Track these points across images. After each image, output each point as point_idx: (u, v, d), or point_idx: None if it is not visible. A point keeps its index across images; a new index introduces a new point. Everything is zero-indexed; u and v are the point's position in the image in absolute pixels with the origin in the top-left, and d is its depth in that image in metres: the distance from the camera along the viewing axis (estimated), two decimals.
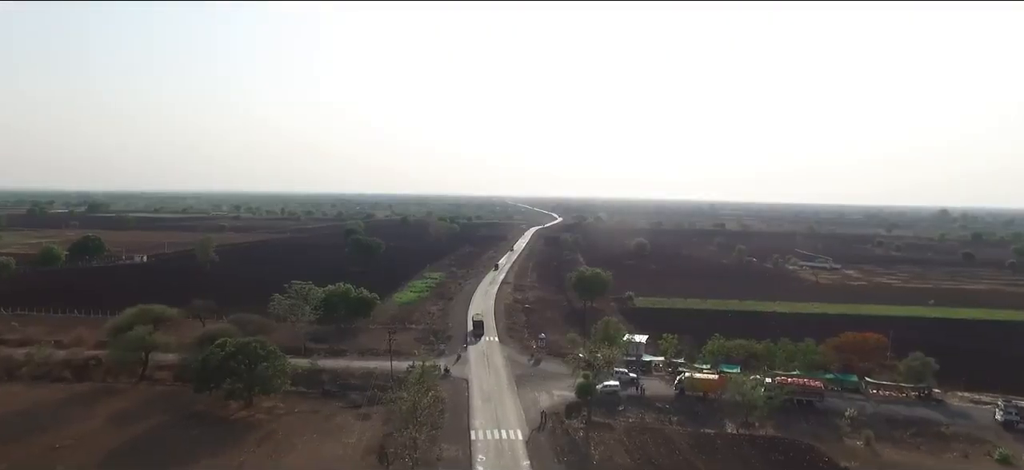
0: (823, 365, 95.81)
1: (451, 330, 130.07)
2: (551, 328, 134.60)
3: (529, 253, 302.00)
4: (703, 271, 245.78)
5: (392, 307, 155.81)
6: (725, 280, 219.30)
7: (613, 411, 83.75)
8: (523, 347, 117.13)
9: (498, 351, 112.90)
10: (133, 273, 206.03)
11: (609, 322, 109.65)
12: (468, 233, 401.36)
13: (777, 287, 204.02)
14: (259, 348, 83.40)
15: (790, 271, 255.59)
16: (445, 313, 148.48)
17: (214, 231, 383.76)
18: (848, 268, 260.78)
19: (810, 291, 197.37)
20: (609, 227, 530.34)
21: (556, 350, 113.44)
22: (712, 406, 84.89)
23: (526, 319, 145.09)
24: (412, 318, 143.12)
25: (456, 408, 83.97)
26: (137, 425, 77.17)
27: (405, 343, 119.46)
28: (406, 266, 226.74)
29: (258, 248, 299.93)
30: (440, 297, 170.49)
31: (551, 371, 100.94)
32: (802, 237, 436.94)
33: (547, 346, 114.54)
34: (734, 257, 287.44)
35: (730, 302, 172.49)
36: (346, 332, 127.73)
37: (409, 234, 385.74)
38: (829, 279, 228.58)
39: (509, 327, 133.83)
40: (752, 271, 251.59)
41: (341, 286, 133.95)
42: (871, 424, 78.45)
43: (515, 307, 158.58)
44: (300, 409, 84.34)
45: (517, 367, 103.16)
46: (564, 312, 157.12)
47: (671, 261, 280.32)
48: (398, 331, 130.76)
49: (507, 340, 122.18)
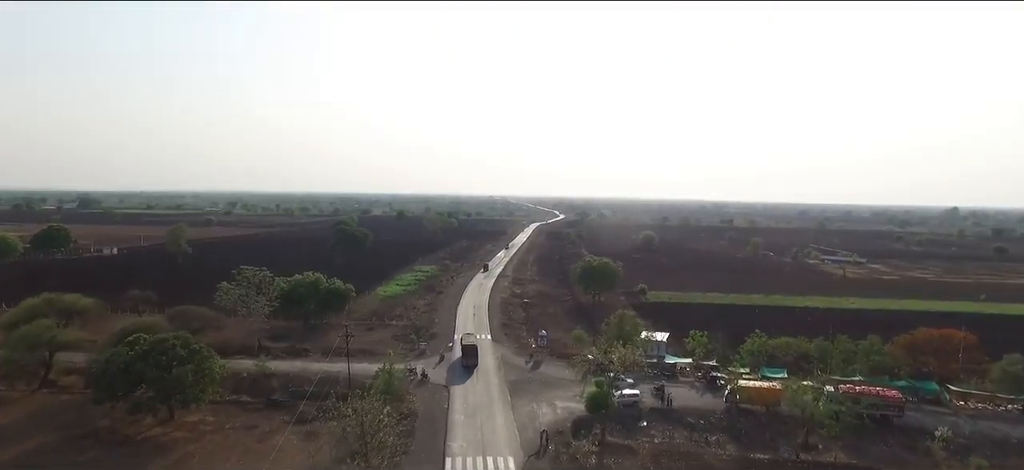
0: (889, 369, 77.19)
1: (436, 327, 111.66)
2: (553, 325, 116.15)
3: (529, 247, 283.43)
4: (717, 265, 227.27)
5: (372, 301, 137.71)
6: (742, 274, 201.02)
7: (634, 429, 65.28)
8: (520, 346, 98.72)
9: (490, 351, 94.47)
10: (99, 265, 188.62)
11: (624, 316, 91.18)
12: (466, 228, 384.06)
13: (802, 281, 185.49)
14: (180, 347, 65.07)
15: (811, 265, 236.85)
16: (432, 308, 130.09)
17: (201, 226, 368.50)
18: (873, 262, 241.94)
19: (840, 286, 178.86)
20: (613, 223, 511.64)
21: (559, 350, 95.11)
22: (757, 422, 66.42)
23: (525, 315, 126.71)
24: (393, 313, 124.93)
25: (431, 425, 65.55)
26: (13, 447, 59.06)
27: (381, 341, 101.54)
28: (396, 259, 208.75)
29: (240, 241, 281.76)
30: (429, 291, 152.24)
31: (553, 376, 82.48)
32: (814, 233, 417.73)
33: (548, 345, 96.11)
34: (749, 251, 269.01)
35: (753, 297, 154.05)
36: (316, 329, 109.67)
37: (403, 228, 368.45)
38: (857, 273, 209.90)
39: (505, 324, 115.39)
40: (770, 265, 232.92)
41: (309, 275, 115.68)
42: (975, 448, 59.86)
43: (512, 302, 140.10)
44: (234, 424, 66.14)
45: (512, 371, 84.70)
46: (568, 308, 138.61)
47: (681, 255, 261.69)
48: (375, 328, 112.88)
49: (501, 338, 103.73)
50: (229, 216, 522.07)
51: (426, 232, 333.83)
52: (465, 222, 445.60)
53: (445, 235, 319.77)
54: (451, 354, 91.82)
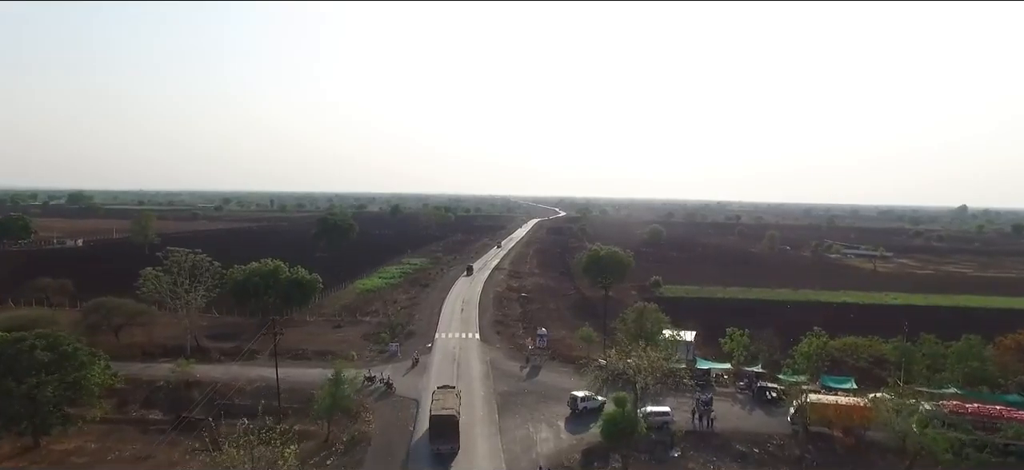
0: (990, 378, 59.43)
1: (415, 324, 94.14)
2: (555, 322, 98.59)
3: (529, 240, 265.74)
4: (731, 259, 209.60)
5: (348, 295, 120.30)
6: (760, 268, 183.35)
7: (665, 460, 47.77)
8: (514, 348, 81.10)
9: (477, 353, 76.90)
10: (60, 256, 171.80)
11: (645, 310, 73.18)
12: (462, 223, 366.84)
13: (829, 276, 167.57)
14: (42, 349, 47.53)
15: (832, 259, 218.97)
16: (414, 303, 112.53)
17: (185, 220, 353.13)
18: (900, 257, 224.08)
19: (871, 280, 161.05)
20: (617, 218, 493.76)
21: (562, 352, 77.70)
22: (834, 451, 48.80)
23: (522, 310, 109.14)
24: (368, 308, 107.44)
25: (387, 455, 47.87)
26: None
27: (347, 341, 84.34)
28: (385, 252, 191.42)
29: (219, 235, 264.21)
30: (414, 284, 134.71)
31: (555, 385, 64.81)
32: (825, 230, 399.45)
33: (548, 346, 78.43)
34: (764, 245, 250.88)
35: (780, 291, 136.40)
36: (276, 325, 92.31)
37: (397, 223, 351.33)
38: (886, 267, 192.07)
39: (498, 321, 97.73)
40: (789, 260, 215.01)
41: (267, 263, 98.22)
42: None
43: (508, 296, 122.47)
44: (121, 454, 48.62)
45: (504, 378, 67.04)
46: (571, 303, 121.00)
47: (691, 249, 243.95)
48: (344, 325, 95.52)
49: (492, 338, 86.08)
50: (219, 211, 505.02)
51: (420, 226, 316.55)
52: (463, 217, 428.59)
53: (440, 229, 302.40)
54: (429, 356, 74.25)
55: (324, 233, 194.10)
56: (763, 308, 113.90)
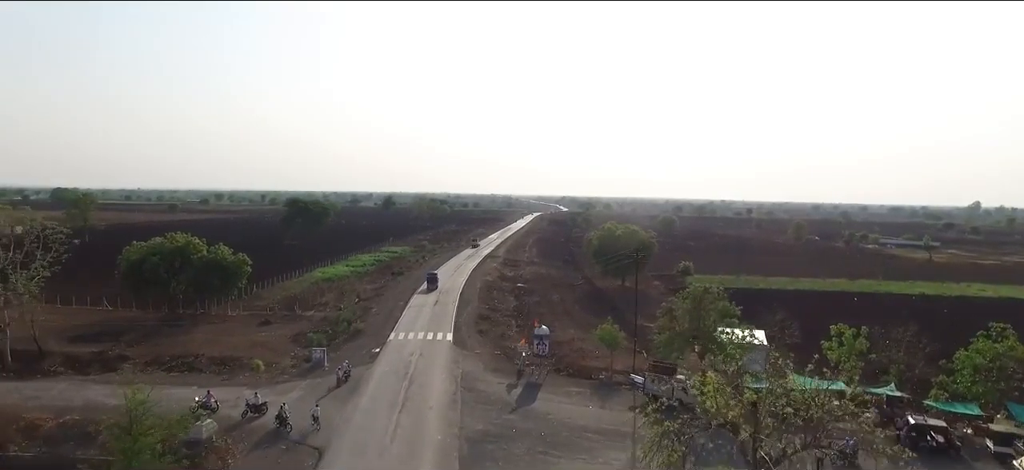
0: None
1: (369, 319, 69.34)
2: (560, 319, 73.93)
3: (529, 231, 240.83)
4: (756, 249, 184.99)
5: (302, 284, 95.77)
6: (792, 258, 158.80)
7: None
8: (501, 355, 56.00)
9: (445, 363, 51.74)
10: None
11: (706, 294, 46.64)
12: (459, 216, 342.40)
13: (877, 266, 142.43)
14: None
15: (872, 250, 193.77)
16: (378, 293, 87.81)
17: (163, 212, 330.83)
18: (948, 248, 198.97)
19: (931, 271, 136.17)
20: (622, 213, 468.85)
21: (571, 360, 52.91)
22: None
23: (517, 303, 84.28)
24: (318, 300, 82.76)
25: None
26: None
27: (268, 344, 59.96)
28: (365, 239, 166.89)
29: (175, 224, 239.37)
30: (386, 272, 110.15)
31: (564, 419, 39.88)
32: (845, 224, 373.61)
33: (550, 354, 53.10)
34: (790, 235, 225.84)
35: (836, 281, 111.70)
36: (179, 322, 68.24)
37: (386, 214, 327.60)
38: (942, 258, 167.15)
39: (483, 316, 72.68)
40: (824, 250, 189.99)
41: (173, 239, 73.86)
42: None
43: (500, 286, 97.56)
44: None
45: (481, 407, 41.91)
46: (580, 295, 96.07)
47: (710, 238, 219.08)
48: (275, 320, 70.93)
49: (472, 339, 61.01)
50: (206, 205, 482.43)
51: (411, 217, 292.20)
52: (459, 211, 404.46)
53: (432, 221, 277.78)
54: (371, 367, 49.23)
55: (295, 217, 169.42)
56: (818, 300, 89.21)
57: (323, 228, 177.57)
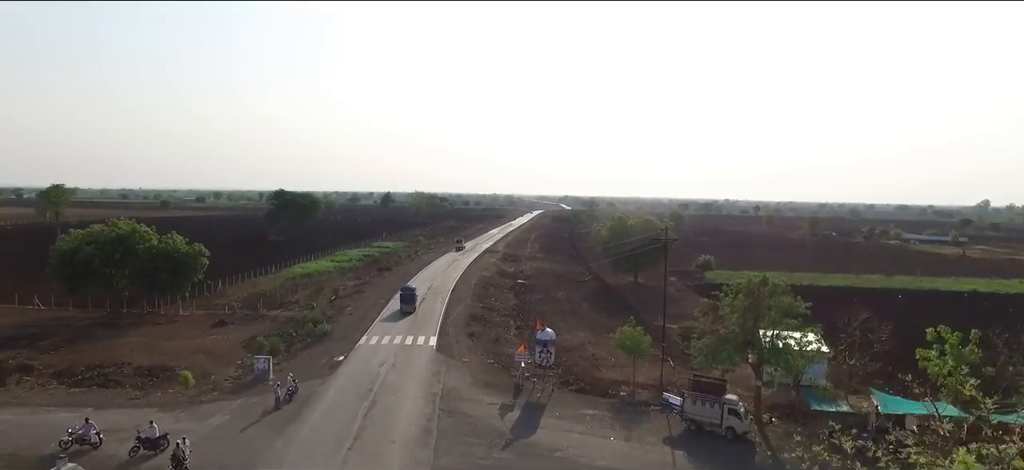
0: None
1: (341, 319, 58.82)
2: (567, 320, 63.36)
3: (531, 226, 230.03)
4: (772, 245, 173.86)
5: (273, 280, 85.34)
6: (813, 254, 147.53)
7: None
8: (496, 365, 45.28)
9: (423, 375, 41.04)
10: None
11: (762, 288, 35.19)
12: (458, 212, 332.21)
13: (907, 263, 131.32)
14: None
15: (895, 246, 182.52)
16: (358, 290, 77.29)
17: (154, 210, 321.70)
18: (976, 244, 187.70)
19: (967, 267, 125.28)
20: (626, 211, 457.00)
21: (583, 371, 42.31)
22: None
23: (516, 302, 73.61)
24: (289, 298, 72.36)
25: None
26: None
27: (214, 349, 49.72)
28: (357, 235, 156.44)
29: (169, 221, 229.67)
30: (372, 267, 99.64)
31: (578, 460, 28.86)
32: (854, 221, 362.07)
33: (554, 364, 42.05)
34: (807, 231, 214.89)
35: (870, 278, 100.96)
36: (125, 319, 58.45)
37: (385, 211, 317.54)
38: (975, 254, 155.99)
39: (475, 316, 61.88)
40: (844, 247, 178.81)
41: (116, 225, 63.54)
42: None
43: (498, 282, 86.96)
44: None
45: (462, 440, 31.18)
46: (589, 293, 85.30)
47: (721, 235, 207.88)
48: (232, 321, 60.66)
49: (460, 345, 50.20)
50: (201, 203, 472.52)
51: (408, 214, 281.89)
52: (459, 209, 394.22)
53: (430, 218, 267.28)
54: (328, 381, 38.53)
55: (280, 210, 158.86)
56: (861, 298, 78.30)
57: (313, 223, 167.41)
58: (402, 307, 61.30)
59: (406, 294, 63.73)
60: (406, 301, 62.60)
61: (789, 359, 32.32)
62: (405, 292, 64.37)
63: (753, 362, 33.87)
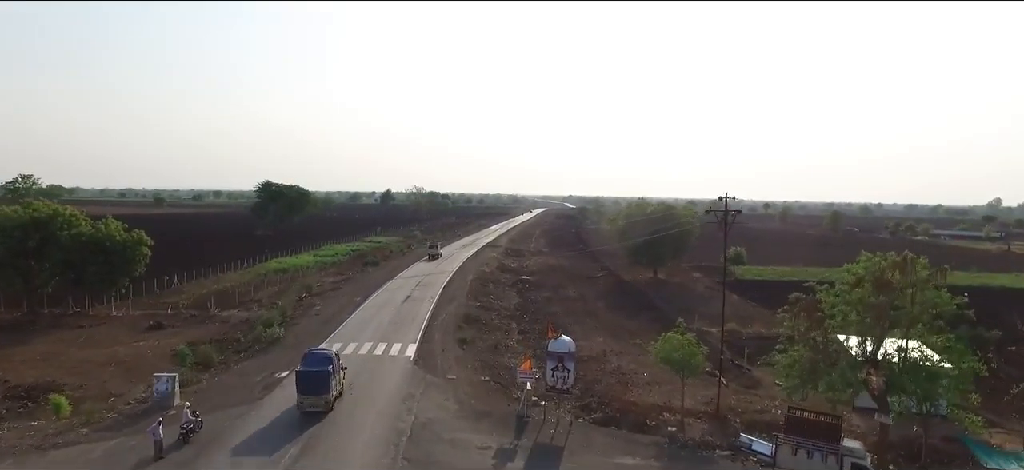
0: None
1: (303, 322, 47.69)
2: (579, 320, 52.26)
3: (536, 223, 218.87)
4: (795, 241, 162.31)
5: (242, 276, 74.48)
6: (840, 251, 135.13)
7: None
8: (492, 380, 34.04)
9: (390, 403, 29.55)
10: None
11: (903, 264, 23.48)
12: (458, 210, 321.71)
13: (945, 259, 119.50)
14: None
15: (923, 242, 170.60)
16: (337, 288, 66.19)
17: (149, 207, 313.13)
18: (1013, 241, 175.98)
19: (1011, 262, 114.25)
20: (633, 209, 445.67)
21: (610, 395, 30.97)
22: None
23: (520, 301, 62.22)
24: (253, 296, 61.45)
25: None
26: None
27: (128, 360, 38.30)
28: (350, 230, 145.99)
29: (160, 218, 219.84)
30: (356, 264, 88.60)
31: None
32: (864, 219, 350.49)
33: (572, 385, 29.57)
34: (826, 228, 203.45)
35: None
36: (40, 320, 47.71)
37: (382, 208, 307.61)
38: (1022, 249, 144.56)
39: (469, 318, 50.37)
40: (871, 243, 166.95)
41: (33, 207, 52.69)
42: None
43: (499, 279, 75.67)
44: None
45: None
46: (605, 290, 73.98)
47: (738, 231, 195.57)
48: (175, 324, 49.67)
49: (446, 357, 38.88)
50: (197, 202, 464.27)
51: (408, 211, 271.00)
52: (461, 207, 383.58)
53: (430, 214, 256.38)
54: (250, 411, 27.23)
55: (268, 202, 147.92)
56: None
57: (306, 218, 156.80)
58: (301, 404, 28.39)
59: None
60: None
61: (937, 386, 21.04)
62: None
63: (877, 387, 22.56)
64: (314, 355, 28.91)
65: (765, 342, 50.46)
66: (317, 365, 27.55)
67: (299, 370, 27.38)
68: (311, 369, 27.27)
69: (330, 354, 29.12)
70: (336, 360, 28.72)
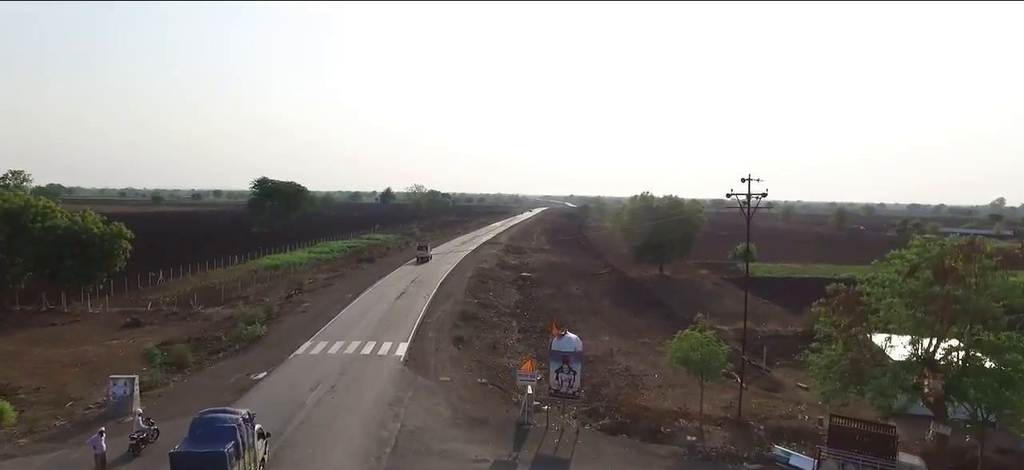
0: None
1: (289, 320, 44.63)
2: (585, 319, 49.24)
3: (537, 220, 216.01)
4: (802, 239, 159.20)
5: (230, 272, 71.54)
6: (849, 249, 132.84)
7: None
8: (490, 383, 31.00)
9: (373, 409, 26.60)
10: None
11: (968, 249, 20.48)
12: (458, 208, 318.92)
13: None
14: None
15: (932, 239, 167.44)
16: (329, 284, 63.22)
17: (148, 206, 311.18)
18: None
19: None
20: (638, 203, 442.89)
21: (619, 399, 27.88)
22: None
23: (520, 298, 59.17)
24: (240, 293, 58.54)
25: None
26: None
27: (101, 360, 35.15)
28: (348, 227, 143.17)
29: (158, 216, 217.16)
30: (352, 259, 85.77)
31: None
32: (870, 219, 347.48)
33: (578, 389, 26.23)
34: (832, 226, 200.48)
35: None
36: (9, 318, 44.68)
37: (382, 206, 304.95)
38: None
39: (466, 316, 47.29)
40: (880, 241, 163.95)
41: (4, 197, 49.80)
42: None
43: (498, 275, 72.65)
44: None
45: None
46: (609, 287, 71.06)
47: (740, 228, 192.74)
48: (153, 322, 46.72)
49: (443, 355, 35.89)
50: (196, 201, 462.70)
51: (408, 209, 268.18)
52: (461, 205, 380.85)
53: (430, 212, 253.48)
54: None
55: (264, 199, 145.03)
56: None
57: (304, 216, 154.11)
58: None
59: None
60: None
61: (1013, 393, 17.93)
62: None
63: (934, 393, 19.50)
64: (207, 422, 18.09)
65: (782, 341, 47.52)
66: (207, 442, 17.04)
67: (176, 451, 16.97)
68: (195, 450, 16.89)
69: (234, 421, 18.04)
70: (246, 427, 18.35)
